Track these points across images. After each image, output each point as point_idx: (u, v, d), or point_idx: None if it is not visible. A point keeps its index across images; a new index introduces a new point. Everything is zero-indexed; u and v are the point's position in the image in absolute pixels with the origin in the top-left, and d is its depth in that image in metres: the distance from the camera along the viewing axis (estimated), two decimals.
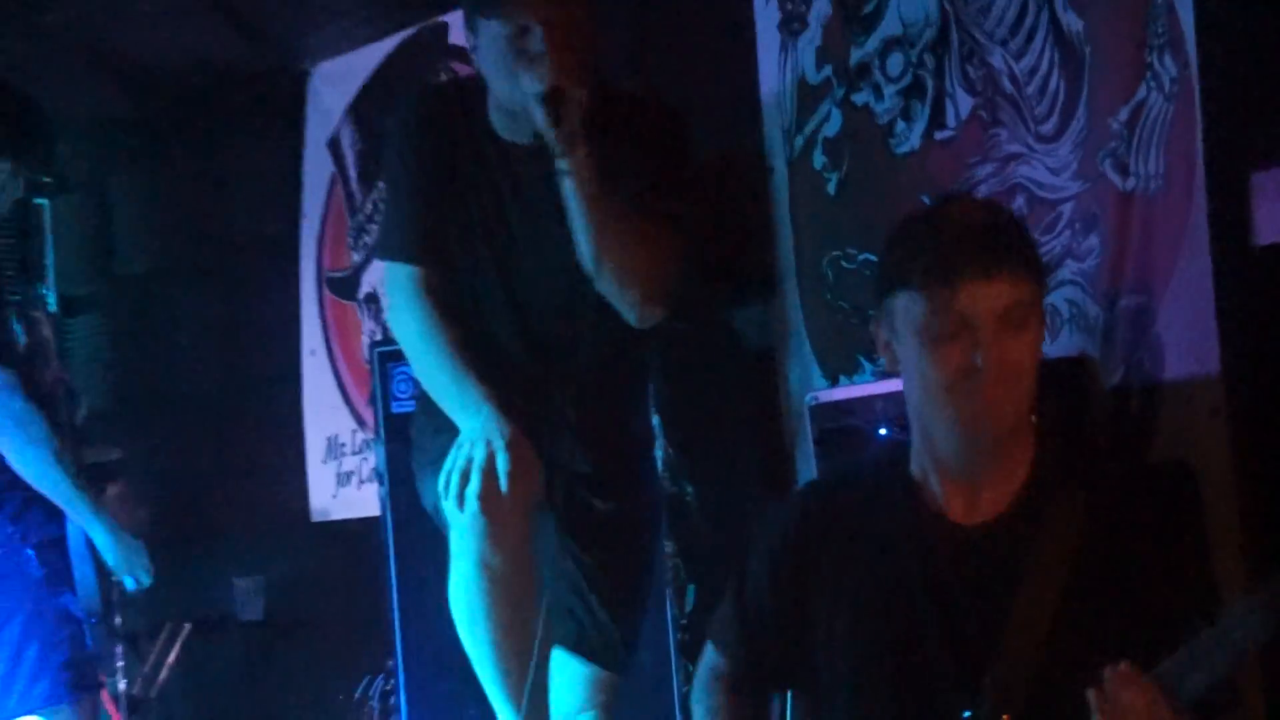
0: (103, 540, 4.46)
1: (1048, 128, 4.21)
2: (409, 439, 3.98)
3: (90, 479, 4.54)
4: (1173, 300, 3.84)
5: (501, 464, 3.21)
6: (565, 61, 3.23)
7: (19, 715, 4.37)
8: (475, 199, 3.55)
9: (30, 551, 4.39)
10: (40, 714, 4.36)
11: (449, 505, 3.36)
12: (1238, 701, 2.23)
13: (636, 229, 3.32)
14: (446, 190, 3.59)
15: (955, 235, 2.25)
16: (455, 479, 3.30)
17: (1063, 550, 2.31)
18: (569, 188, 3.26)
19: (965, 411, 2.25)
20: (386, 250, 3.74)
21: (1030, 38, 4.26)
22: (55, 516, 4.46)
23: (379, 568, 4.77)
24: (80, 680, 4.46)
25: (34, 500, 4.42)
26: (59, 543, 4.50)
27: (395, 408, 4.65)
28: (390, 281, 3.65)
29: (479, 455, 3.26)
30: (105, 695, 5.23)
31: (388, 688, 5.03)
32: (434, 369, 3.52)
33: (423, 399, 3.75)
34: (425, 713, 4.65)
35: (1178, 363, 3.85)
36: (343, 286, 6.28)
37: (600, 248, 3.32)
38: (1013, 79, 4.31)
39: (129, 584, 4.59)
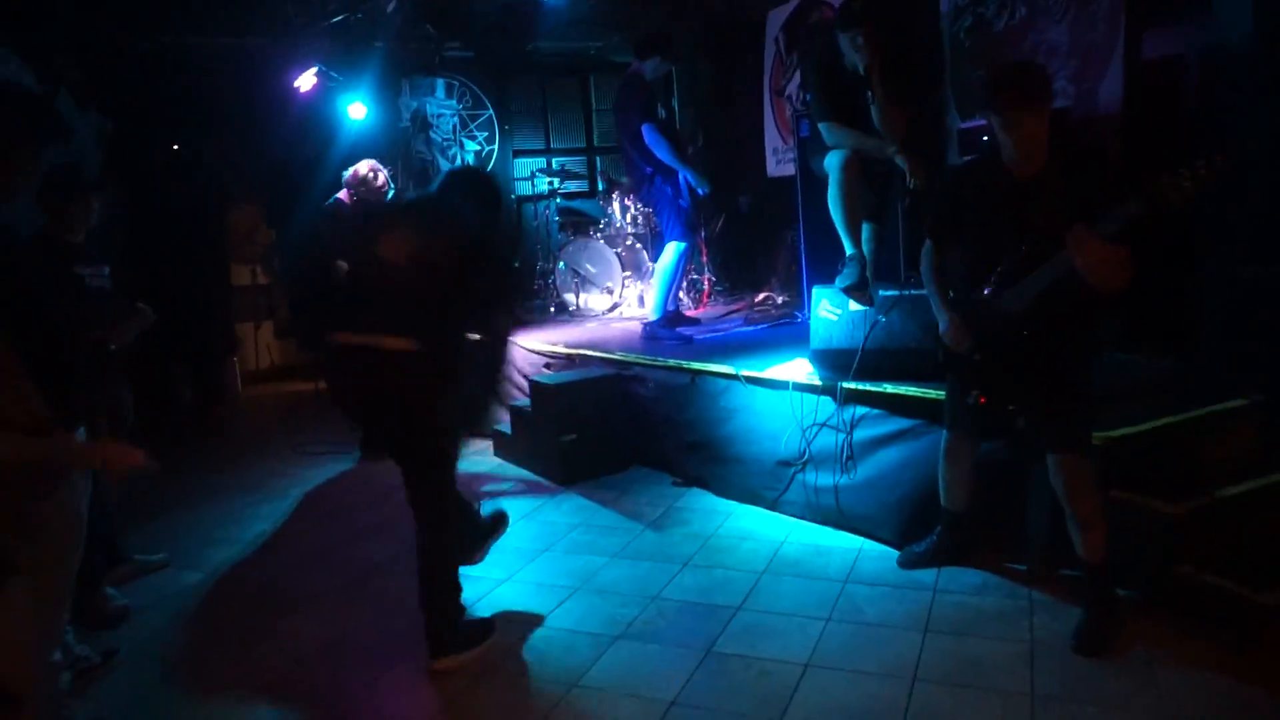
0: (691, 177, 5.29)
1: (1058, 18, 4.85)
2: (805, 146, 4.80)
3: (686, 163, 5.34)
4: (1106, 81, 4.62)
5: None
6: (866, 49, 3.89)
7: (669, 241, 5.39)
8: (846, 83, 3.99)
9: (668, 188, 5.30)
10: (676, 243, 5.34)
11: (826, 163, 4.09)
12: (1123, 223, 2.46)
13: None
14: (835, 85, 4.05)
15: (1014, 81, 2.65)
16: (836, 158, 4.01)
17: (1065, 180, 2.67)
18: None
19: (1016, 138, 2.66)
20: (817, 115, 4.15)
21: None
22: (675, 173, 5.30)
23: (795, 192, 5.29)
24: (688, 229, 5.43)
25: (670, 170, 5.28)
26: (678, 182, 5.34)
27: (801, 134, 5.02)
28: (820, 122, 4.14)
29: (842, 157, 3.99)
30: (701, 241, 6.81)
31: (795, 235, 5.61)
32: (827, 129, 4.12)
33: (813, 129, 4.34)
34: (811, 249, 5.17)
35: (1104, 105, 4.60)
36: (779, 92, 7.11)
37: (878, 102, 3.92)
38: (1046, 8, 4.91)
39: (700, 192, 5.36)
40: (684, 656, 2.96)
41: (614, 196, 7.00)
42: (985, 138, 4.78)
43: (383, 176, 5.39)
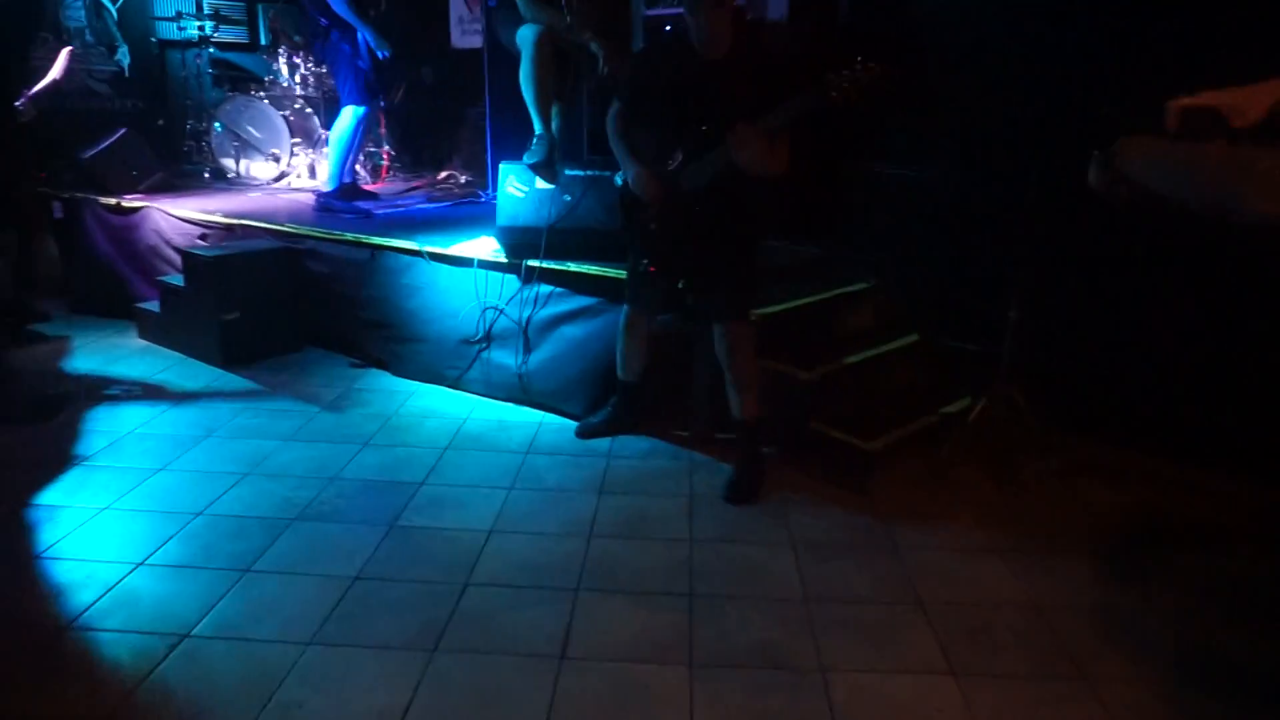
0: (370, 37, 5.07)
1: None
2: (493, 16, 4.61)
3: (366, 21, 5.05)
4: None
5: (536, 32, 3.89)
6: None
7: (346, 105, 5.12)
8: None
9: (345, 46, 5.04)
10: (353, 107, 5.10)
11: (518, 37, 4.00)
12: (786, 126, 2.68)
13: None
14: None
15: None
16: (529, 33, 3.92)
17: (744, 69, 2.82)
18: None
19: (701, 19, 2.78)
20: None
21: None
22: (353, 31, 5.05)
23: (481, 66, 5.24)
24: (367, 93, 5.18)
25: (348, 26, 5.03)
26: (356, 41, 5.08)
27: (490, 3, 4.73)
28: None
29: (535, 33, 3.94)
30: (380, 111, 6.40)
31: (480, 112, 5.60)
32: (524, 3, 3.96)
33: (501, 4, 4.23)
34: (497, 126, 5.16)
35: (773, 11, 4.91)
36: None
37: None
38: None
39: (381, 55, 5.15)
40: (367, 533, 2.93)
41: (281, 52, 6.34)
42: (668, 27, 4.94)
43: None
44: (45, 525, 2.98)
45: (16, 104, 4.75)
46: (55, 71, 4.92)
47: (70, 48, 5.15)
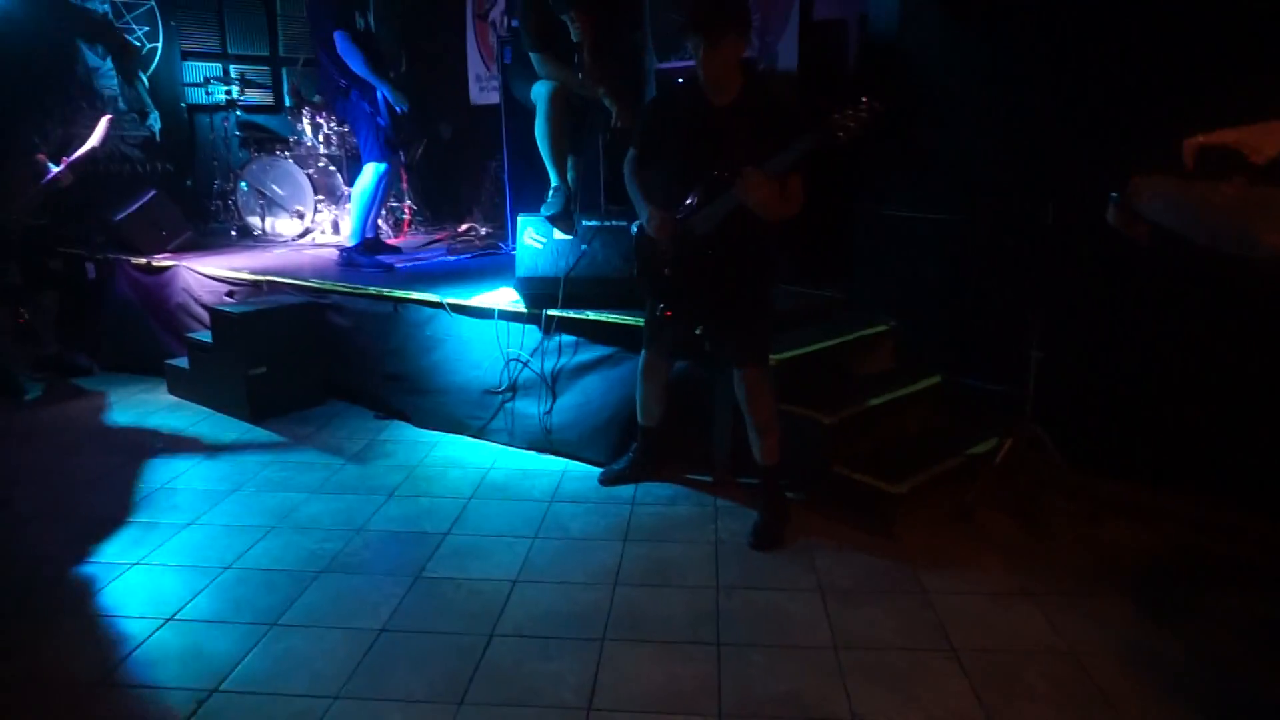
0: (389, 94, 5.13)
1: None
2: (508, 72, 4.79)
3: (384, 79, 5.14)
4: (785, 39, 5.12)
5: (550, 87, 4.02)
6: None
7: (367, 162, 5.20)
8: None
9: (365, 104, 5.11)
10: (375, 164, 5.20)
11: (532, 93, 4.09)
12: (796, 169, 2.74)
13: None
14: (544, 17, 3.97)
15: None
16: (543, 89, 4.08)
17: (749, 114, 2.82)
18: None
19: (708, 66, 2.81)
20: (527, 45, 4.08)
21: None
22: (372, 89, 5.13)
23: (498, 121, 5.37)
24: (388, 149, 5.26)
25: (367, 85, 5.11)
26: (376, 99, 5.16)
27: (506, 60, 5.01)
28: (531, 53, 4.08)
29: (549, 89, 4.02)
30: (401, 167, 6.50)
31: (498, 166, 5.76)
32: (538, 60, 4.04)
33: (516, 56, 4.35)
34: (515, 179, 5.28)
35: (783, 61, 5.09)
36: (482, 16, 7.05)
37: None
38: None
39: (400, 110, 5.24)
40: (392, 584, 2.94)
41: (304, 113, 6.50)
42: (680, 80, 5.04)
43: None
44: (77, 580, 3.00)
45: (56, 170, 4.90)
46: (95, 139, 5.10)
47: (109, 115, 5.31)
